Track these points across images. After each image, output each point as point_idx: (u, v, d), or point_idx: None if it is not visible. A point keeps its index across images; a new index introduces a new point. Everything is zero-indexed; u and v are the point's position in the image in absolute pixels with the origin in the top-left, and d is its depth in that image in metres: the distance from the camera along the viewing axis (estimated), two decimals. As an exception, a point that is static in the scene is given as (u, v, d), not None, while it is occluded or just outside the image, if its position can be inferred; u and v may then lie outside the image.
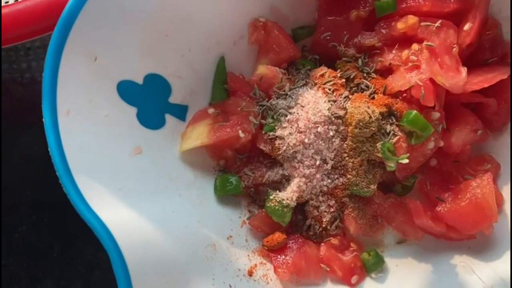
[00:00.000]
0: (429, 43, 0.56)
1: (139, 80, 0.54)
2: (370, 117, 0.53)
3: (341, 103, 0.55)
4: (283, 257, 0.56)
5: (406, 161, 0.53)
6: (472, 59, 0.59)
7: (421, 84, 0.54)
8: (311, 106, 0.55)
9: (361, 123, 0.53)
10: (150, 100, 0.55)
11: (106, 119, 0.50)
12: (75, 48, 0.47)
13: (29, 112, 0.68)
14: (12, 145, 0.67)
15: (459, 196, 0.56)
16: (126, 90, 0.53)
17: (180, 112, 0.58)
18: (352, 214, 0.57)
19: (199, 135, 0.57)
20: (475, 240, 0.57)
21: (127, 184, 0.49)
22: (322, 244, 0.58)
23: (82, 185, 0.44)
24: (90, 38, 0.49)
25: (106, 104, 0.51)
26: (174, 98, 0.58)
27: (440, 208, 0.56)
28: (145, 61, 0.54)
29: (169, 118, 0.57)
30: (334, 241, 0.58)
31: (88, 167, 0.46)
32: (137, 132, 0.53)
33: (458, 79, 0.54)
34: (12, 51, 0.69)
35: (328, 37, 0.61)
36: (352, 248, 0.58)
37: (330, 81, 0.56)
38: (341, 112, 0.55)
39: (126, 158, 0.51)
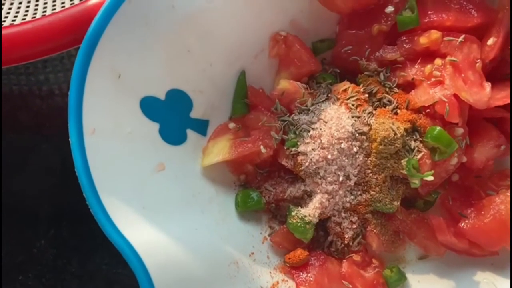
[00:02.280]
0: (453, 58, 0.55)
1: (162, 96, 0.54)
2: (395, 134, 0.53)
3: (365, 119, 0.55)
4: (306, 274, 0.55)
5: (431, 178, 0.53)
6: (494, 73, 0.58)
7: (445, 100, 0.54)
8: (334, 121, 0.55)
9: (386, 140, 0.53)
10: (172, 116, 0.55)
11: (130, 136, 0.50)
12: (100, 66, 0.47)
13: (47, 125, 0.68)
14: (30, 159, 0.67)
15: (482, 212, 0.55)
16: (149, 106, 0.52)
17: (201, 127, 0.58)
18: (374, 231, 0.56)
19: (221, 150, 0.57)
20: (498, 256, 0.56)
21: (151, 202, 0.49)
22: (344, 260, 0.57)
23: (108, 206, 0.44)
24: (115, 55, 0.48)
25: (130, 121, 0.51)
26: (195, 113, 0.57)
27: (463, 224, 0.56)
28: (168, 77, 0.54)
29: (190, 133, 0.57)
30: (356, 257, 0.57)
31: (114, 187, 0.46)
32: (160, 148, 0.53)
33: (482, 94, 0.54)
34: (29, 64, 0.69)
35: (349, 51, 0.60)
36: (374, 265, 0.57)
37: (354, 96, 0.56)
38: (365, 128, 0.54)
39: (149, 175, 0.51)
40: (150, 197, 0.49)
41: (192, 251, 0.49)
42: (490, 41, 0.56)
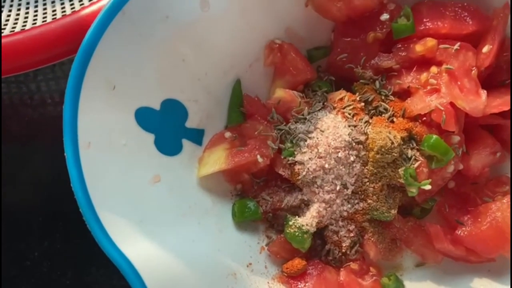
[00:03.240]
0: (448, 66, 0.55)
1: (156, 106, 0.53)
2: (392, 143, 0.53)
3: (361, 128, 0.55)
4: (304, 284, 0.55)
5: (428, 187, 0.53)
6: (489, 80, 0.58)
7: (442, 108, 0.53)
8: (331, 131, 0.54)
9: (383, 149, 0.53)
10: (167, 126, 0.54)
11: (125, 148, 0.50)
12: (95, 78, 0.46)
13: (39, 135, 0.67)
14: (22, 168, 0.66)
15: (479, 220, 0.56)
16: (144, 117, 0.52)
17: (197, 136, 0.57)
18: (372, 239, 0.56)
19: (217, 160, 0.56)
20: (495, 263, 0.57)
21: (148, 215, 0.49)
22: (342, 269, 0.57)
23: (105, 221, 0.43)
24: (109, 67, 0.48)
25: (125, 132, 0.50)
26: (190, 123, 0.57)
27: (460, 232, 0.56)
28: (162, 87, 0.53)
29: (186, 143, 0.56)
30: (354, 266, 0.57)
31: (110, 201, 0.45)
32: (155, 159, 0.52)
33: (478, 102, 0.54)
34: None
35: (344, 59, 0.60)
36: (371, 273, 0.57)
37: (350, 105, 0.56)
38: (362, 138, 0.54)
39: (145, 187, 0.50)
40: (147, 209, 0.49)
41: (190, 264, 0.48)
42: (485, 49, 0.56)
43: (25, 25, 0.58)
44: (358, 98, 0.57)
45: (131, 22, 0.49)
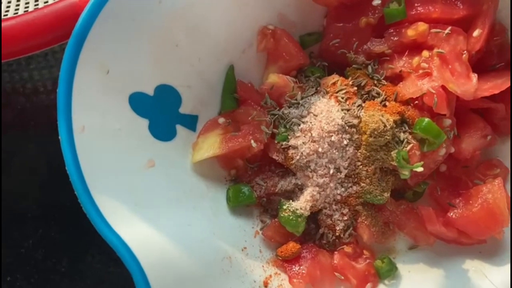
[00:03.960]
0: (440, 50, 0.56)
1: (150, 92, 0.53)
2: (385, 126, 0.53)
3: (354, 112, 0.55)
4: (298, 267, 0.56)
5: (420, 169, 0.53)
6: (480, 64, 0.59)
7: (433, 91, 0.54)
8: (324, 115, 0.55)
9: (376, 132, 0.53)
10: (161, 111, 0.54)
11: (119, 133, 0.50)
12: (89, 62, 0.46)
13: (32, 123, 0.66)
14: (15, 157, 0.65)
15: (470, 202, 0.56)
16: (138, 102, 0.52)
17: (191, 122, 0.58)
18: (365, 222, 0.57)
19: (211, 145, 0.56)
20: (485, 244, 0.57)
21: (143, 199, 0.49)
22: (336, 252, 0.57)
23: (101, 204, 0.43)
24: (103, 51, 0.48)
25: (119, 117, 0.50)
26: (184, 108, 0.57)
27: (451, 214, 0.57)
28: (156, 72, 0.53)
29: (180, 129, 0.56)
30: (348, 249, 0.58)
31: (105, 184, 0.45)
32: (149, 144, 0.53)
33: (469, 86, 0.55)
34: (12, 61, 0.67)
35: (337, 44, 0.60)
36: (365, 256, 0.58)
37: (343, 89, 0.56)
38: (355, 121, 0.54)
39: (140, 172, 0.50)
40: (142, 194, 0.49)
41: (186, 248, 0.48)
42: (475, 33, 0.56)
43: (17, 11, 0.58)
44: (351, 83, 0.57)
45: (124, 6, 0.49)
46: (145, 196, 0.49)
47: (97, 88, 0.48)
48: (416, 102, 0.56)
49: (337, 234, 0.57)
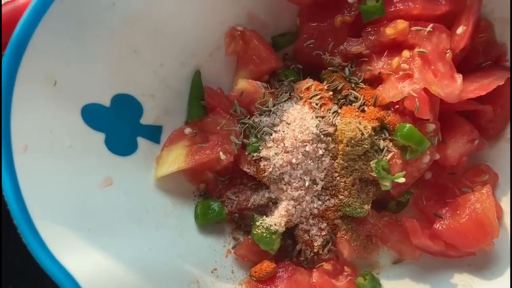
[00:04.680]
0: (421, 49, 0.52)
1: (106, 103, 0.49)
2: (362, 134, 0.49)
3: (329, 119, 0.51)
4: (274, 288, 0.52)
5: (402, 180, 0.49)
6: (465, 63, 0.55)
7: (415, 95, 0.50)
8: (298, 123, 0.51)
9: (352, 141, 0.49)
10: (119, 124, 0.50)
11: (71, 150, 0.45)
12: (31, 73, 0.42)
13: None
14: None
15: (458, 212, 0.53)
16: (92, 115, 0.48)
17: (154, 133, 0.53)
18: (345, 237, 0.53)
19: (176, 158, 0.52)
20: (475, 257, 0.54)
21: (97, 222, 0.44)
22: (314, 270, 0.54)
23: (44, 232, 0.39)
24: (48, 61, 0.43)
25: (70, 132, 0.46)
26: (146, 119, 0.53)
27: (438, 225, 0.53)
28: (112, 81, 0.49)
29: (141, 141, 0.52)
30: (327, 266, 0.54)
31: (51, 209, 0.41)
32: (106, 161, 0.48)
33: (453, 87, 0.51)
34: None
35: (311, 45, 0.56)
36: (346, 273, 0.54)
37: (317, 94, 0.52)
38: (331, 129, 0.50)
39: (95, 192, 0.46)
40: (97, 217, 0.45)
41: (145, 274, 0.44)
42: (459, 30, 0.53)
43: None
44: (326, 87, 0.53)
45: (72, 9, 0.44)
46: (100, 219, 0.45)
47: (42, 102, 0.43)
48: (397, 106, 0.52)
49: (315, 250, 0.53)
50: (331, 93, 0.53)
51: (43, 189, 0.41)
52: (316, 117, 0.51)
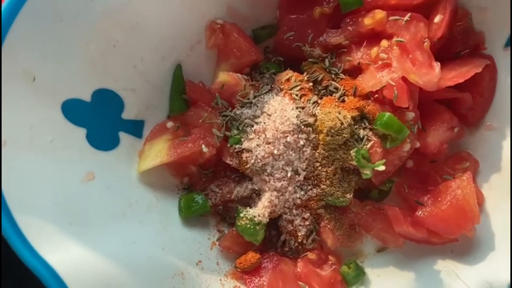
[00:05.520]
0: (399, 38, 0.52)
1: (87, 98, 0.49)
2: (342, 123, 0.49)
3: (310, 110, 0.51)
4: (258, 278, 0.52)
5: (382, 168, 0.50)
6: (444, 52, 0.55)
7: (393, 84, 0.50)
8: (279, 114, 0.51)
9: (332, 130, 0.50)
10: (100, 119, 0.50)
11: (51, 145, 0.45)
12: (9, 69, 0.42)
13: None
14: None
15: (439, 199, 0.53)
16: (72, 110, 0.47)
17: (136, 128, 0.53)
18: (328, 226, 0.53)
19: (158, 152, 0.52)
20: (457, 243, 0.54)
21: (80, 216, 0.44)
22: (299, 260, 0.54)
23: (25, 227, 0.39)
24: (27, 56, 0.43)
25: (50, 128, 0.46)
26: (127, 114, 0.52)
27: (420, 213, 0.53)
28: (92, 76, 0.49)
29: (123, 136, 0.52)
30: (311, 255, 0.54)
31: (32, 204, 0.41)
32: (87, 155, 0.48)
33: (431, 75, 0.51)
34: None
35: (291, 37, 0.56)
36: (330, 262, 0.54)
37: (297, 85, 0.52)
38: (311, 120, 0.51)
39: (76, 186, 0.46)
40: (78, 211, 0.45)
41: (129, 267, 0.44)
42: (437, 19, 0.53)
43: None
44: (306, 78, 0.53)
45: (49, 5, 0.44)
46: (82, 213, 0.45)
47: (21, 97, 0.43)
48: (377, 95, 0.53)
49: (299, 240, 0.54)
50: (311, 84, 0.53)
51: (22, 184, 0.41)
52: (297, 108, 0.51)
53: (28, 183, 0.42)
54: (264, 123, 0.51)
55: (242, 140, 0.52)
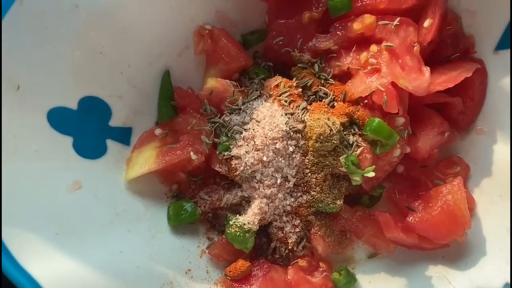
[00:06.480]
0: (389, 43, 0.52)
1: (73, 106, 0.48)
2: (331, 130, 0.49)
3: (299, 116, 0.51)
4: (249, 286, 0.51)
5: (372, 174, 0.49)
6: (434, 56, 0.55)
7: (382, 89, 0.50)
8: (268, 120, 0.50)
9: (321, 137, 0.49)
10: (87, 127, 0.49)
11: (37, 155, 0.45)
12: (-9, 78, 0.41)
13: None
14: None
15: (430, 204, 0.53)
16: (58, 118, 0.47)
17: (123, 135, 0.53)
18: (319, 233, 0.53)
19: (146, 160, 0.52)
20: (449, 248, 0.54)
21: (66, 226, 0.44)
22: (290, 267, 0.53)
23: (8, 238, 0.38)
24: (10, 65, 0.43)
25: (35, 137, 0.45)
26: (115, 121, 0.52)
27: (411, 218, 0.53)
28: (79, 83, 0.48)
29: (110, 144, 0.52)
30: (302, 262, 0.54)
31: (16, 215, 0.40)
32: (74, 164, 0.48)
33: (421, 80, 0.51)
34: None
35: (280, 42, 0.56)
36: (321, 269, 0.54)
37: (286, 91, 0.52)
38: (300, 126, 0.50)
39: (63, 196, 0.46)
40: (65, 221, 0.44)
41: (116, 278, 0.44)
42: (426, 23, 0.53)
43: None
44: (295, 84, 0.53)
45: (33, 13, 0.43)
46: (69, 223, 0.44)
47: (5, 107, 0.42)
48: (366, 101, 0.52)
49: (290, 247, 0.53)
50: (300, 89, 0.53)
51: (7, 194, 0.40)
52: (286, 114, 0.51)
53: (11, 194, 0.41)
54: (253, 129, 0.51)
55: (231, 147, 0.51)
